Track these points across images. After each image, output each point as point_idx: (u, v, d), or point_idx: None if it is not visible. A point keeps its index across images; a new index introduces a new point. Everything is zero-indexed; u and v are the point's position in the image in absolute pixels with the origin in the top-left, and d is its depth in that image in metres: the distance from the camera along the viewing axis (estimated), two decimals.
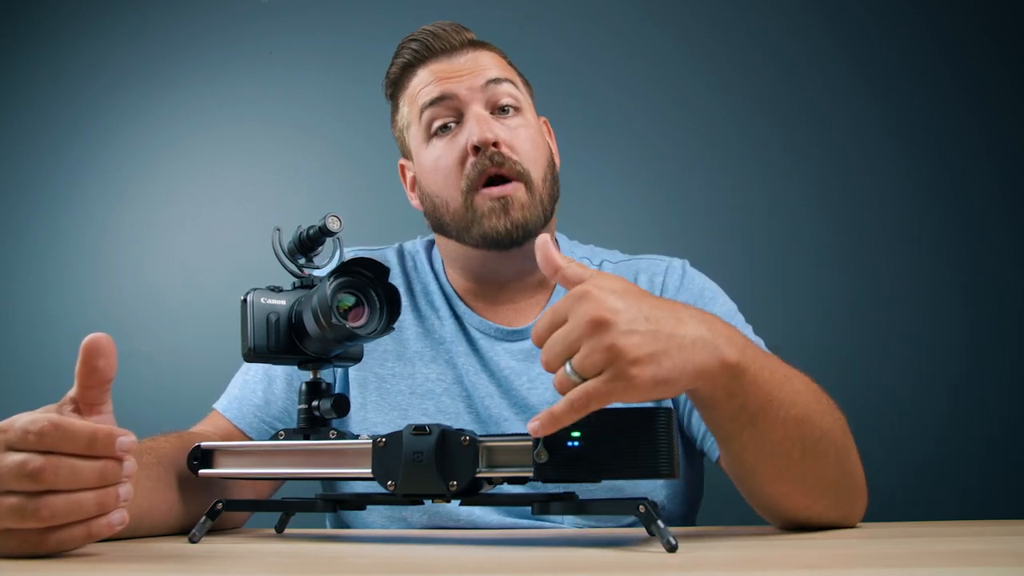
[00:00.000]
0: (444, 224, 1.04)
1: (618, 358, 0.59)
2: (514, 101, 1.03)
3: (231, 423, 1.00)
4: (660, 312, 0.63)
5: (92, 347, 0.63)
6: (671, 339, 0.62)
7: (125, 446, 0.62)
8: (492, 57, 1.05)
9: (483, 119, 0.99)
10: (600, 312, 0.60)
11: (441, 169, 1.01)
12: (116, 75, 2.03)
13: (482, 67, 1.02)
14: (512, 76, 1.06)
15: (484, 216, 0.99)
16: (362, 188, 1.94)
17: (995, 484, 1.69)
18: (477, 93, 1.01)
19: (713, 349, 0.64)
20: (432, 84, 1.02)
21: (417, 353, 1.05)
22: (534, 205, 1.00)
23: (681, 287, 1.06)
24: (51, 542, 0.60)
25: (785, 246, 1.82)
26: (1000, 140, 1.81)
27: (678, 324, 0.63)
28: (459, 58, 1.03)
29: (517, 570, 0.56)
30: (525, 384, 1.02)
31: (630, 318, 0.60)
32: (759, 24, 1.90)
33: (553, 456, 0.62)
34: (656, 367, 0.60)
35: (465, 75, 1.01)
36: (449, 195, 1.01)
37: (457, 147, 1.00)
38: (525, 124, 1.04)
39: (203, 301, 1.92)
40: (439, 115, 1.02)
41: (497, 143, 0.99)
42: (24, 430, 0.60)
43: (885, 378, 1.73)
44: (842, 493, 0.78)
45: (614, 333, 0.59)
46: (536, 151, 1.03)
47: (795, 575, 0.52)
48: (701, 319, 0.66)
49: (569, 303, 0.61)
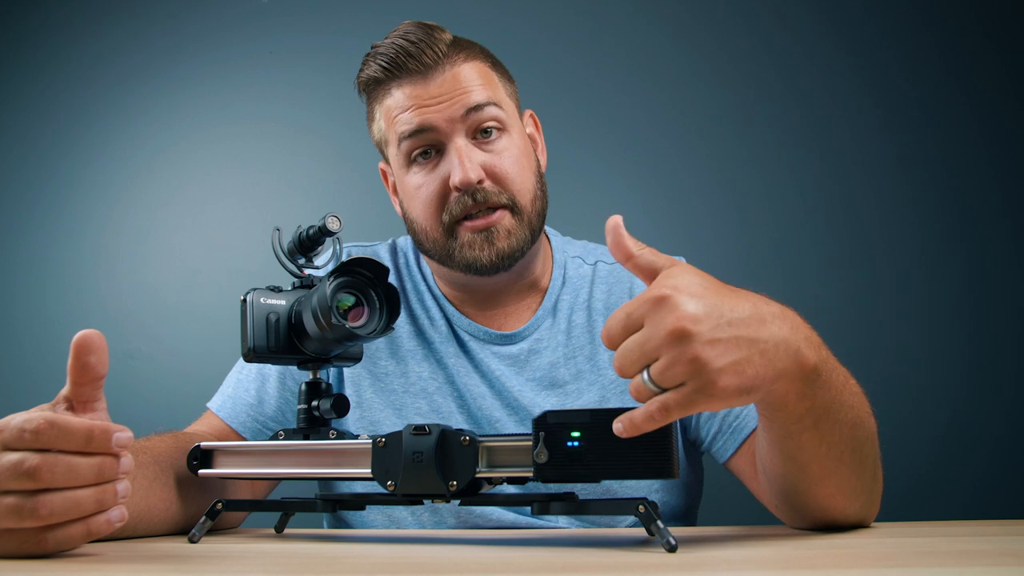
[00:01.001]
0: (426, 249, 1.02)
1: (701, 371, 0.57)
2: (497, 123, 0.98)
3: (224, 422, 1.00)
4: (742, 313, 0.60)
5: (83, 344, 0.63)
6: (754, 344, 0.60)
7: (122, 442, 0.62)
8: (472, 68, 0.98)
9: (464, 154, 0.95)
10: (681, 322, 0.57)
11: (422, 198, 0.98)
12: (116, 75, 2.03)
13: (461, 89, 0.96)
14: (493, 92, 0.99)
15: (467, 247, 0.97)
16: (362, 188, 1.94)
17: (996, 484, 1.69)
18: (456, 124, 0.96)
19: (795, 353, 0.62)
20: (409, 112, 0.97)
21: (409, 352, 1.05)
22: (521, 229, 0.98)
23: None
24: (50, 541, 0.60)
25: (785, 245, 1.82)
26: (1000, 140, 1.81)
27: (761, 326, 0.61)
28: (435, 78, 0.96)
29: (517, 570, 0.56)
30: (516, 387, 1.02)
31: (712, 326, 0.58)
32: (759, 24, 1.90)
33: (553, 456, 0.62)
34: (740, 377, 0.59)
35: (444, 101, 0.95)
36: (431, 226, 0.99)
37: (438, 179, 0.97)
38: (510, 144, 0.99)
39: (203, 301, 1.92)
40: (418, 145, 0.97)
41: (480, 180, 0.95)
42: (20, 429, 0.60)
43: (885, 378, 1.73)
44: (873, 495, 0.78)
45: (696, 345, 0.57)
46: (522, 172, 0.99)
47: (795, 575, 0.52)
48: (783, 317, 0.63)
49: (646, 308, 0.59)
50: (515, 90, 1.06)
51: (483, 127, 0.97)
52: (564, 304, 1.06)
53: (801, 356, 0.63)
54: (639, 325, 0.59)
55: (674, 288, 0.59)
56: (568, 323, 1.05)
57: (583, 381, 1.02)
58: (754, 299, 0.63)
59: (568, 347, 1.04)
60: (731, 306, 0.60)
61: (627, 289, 1.07)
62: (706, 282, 0.61)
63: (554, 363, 1.03)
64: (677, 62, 1.91)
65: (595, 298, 1.07)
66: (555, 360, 1.03)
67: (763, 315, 0.62)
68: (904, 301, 1.78)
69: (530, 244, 1.01)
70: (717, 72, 1.89)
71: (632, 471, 0.62)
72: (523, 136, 1.03)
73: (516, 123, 1.02)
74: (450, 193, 0.96)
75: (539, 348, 1.04)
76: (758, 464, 0.83)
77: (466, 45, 1.00)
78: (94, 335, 0.63)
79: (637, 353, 0.59)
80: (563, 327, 1.05)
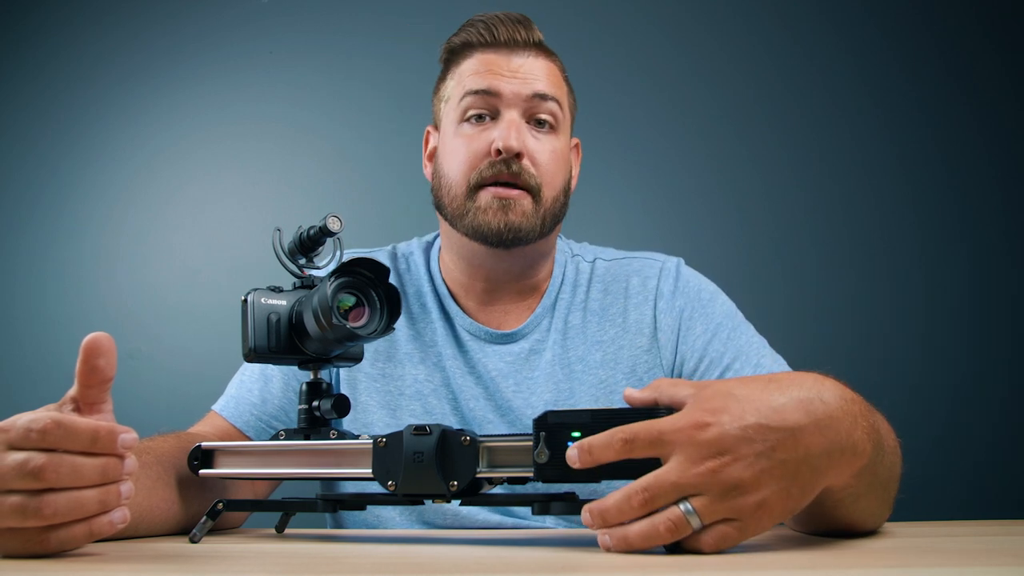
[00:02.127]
0: (442, 205, 1.05)
1: (746, 510, 0.56)
2: (552, 119, 1.03)
3: (228, 422, 1.01)
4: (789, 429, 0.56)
5: (92, 346, 0.63)
6: (801, 466, 0.57)
7: (127, 443, 0.62)
8: (549, 68, 1.04)
9: (516, 126, 0.99)
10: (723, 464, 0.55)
11: (460, 154, 1.02)
12: (116, 75, 2.03)
13: (535, 76, 1.02)
14: (560, 95, 1.04)
15: (481, 210, 0.99)
16: (362, 188, 1.94)
17: (996, 484, 1.69)
18: (520, 100, 1.01)
19: (850, 456, 0.60)
20: (482, 74, 1.01)
21: (407, 355, 1.05)
22: (535, 216, 1.00)
23: (676, 290, 1.06)
24: (53, 541, 0.60)
25: (784, 245, 1.82)
26: (1000, 140, 1.81)
27: (813, 438, 0.57)
28: (517, 58, 1.02)
29: (517, 570, 0.56)
30: (511, 387, 1.02)
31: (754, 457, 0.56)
32: (759, 24, 1.90)
33: (553, 456, 0.62)
34: (790, 504, 0.58)
35: (517, 78, 1.01)
36: (457, 181, 1.02)
37: (483, 141, 1.01)
38: (556, 143, 1.03)
39: (203, 301, 1.92)
40: (478, 105, 1.01)
41: (520, 154, 0.99)
42: (26, 428, 0.60)
43: (885, 378, 1.73)
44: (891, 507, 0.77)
45: (741, 488, 0.56)
46: (556, 171, 1.03)
47: (795, 575, 0.52)
48: (839, 414, 0.59)
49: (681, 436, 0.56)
50: (575, 111, 1.11)
51: (539, 116, 1.02)
52: (562, 303, 1.07)
53: (856, 457, 0.60)
54: (670, 451, 0.57)
55: (710, 414, 0.57)
56: (564, 323, 1.06)
57: (575, 381, 1.02)
58: (806, 396, 0.58)
59: (563, 347, 1.04)
60: (776, 424, 0.56)
61: (623, 289, 1.07)
62: (745, 394, 0.58)
63: (551, 362, 1.03)
64: (677, 62, 1.91)
65: (591, 297, 1.07)
66: (551, 359, 1.03)
67: (818, 421, 0.58)
68: (904, 301, 1.78)
69: (537, 236, 1.02)
70: (717, 72, 1.89)
71: (632, 471, 0.62)
72: (567, 146, 1.07)
73: (566, 132, 1.07)
74: (488, 157, 1.00)
75: (538, 348, 1.04)
76: None
77: (553, 53, 1.07)
78: (103, 338, 0.63)
79: (672, 490, 0.57)
80: (559, 327, 1.05)
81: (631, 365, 1.03)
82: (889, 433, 0.71)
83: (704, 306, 1.04)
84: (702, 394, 0.59)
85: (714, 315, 1.04)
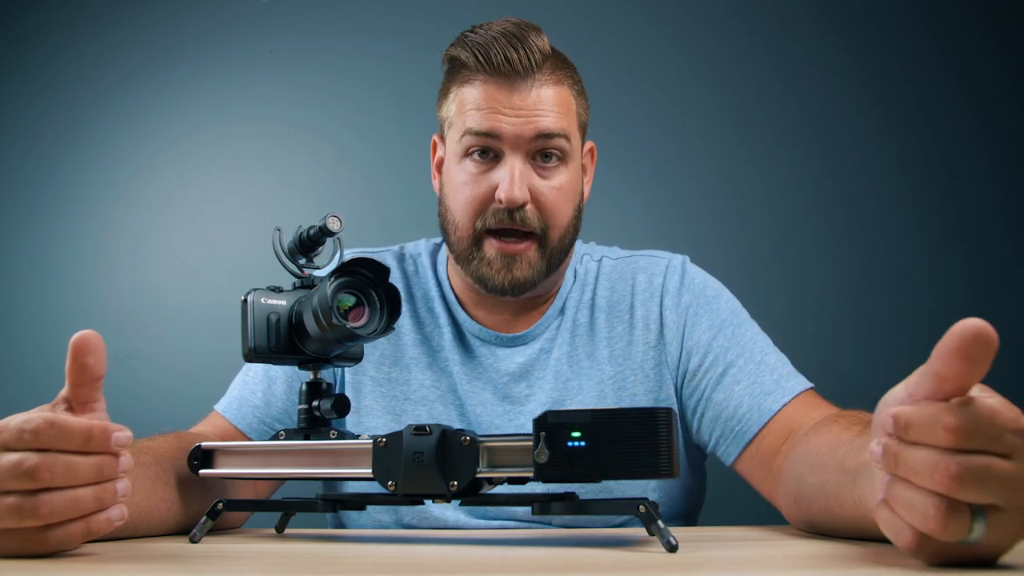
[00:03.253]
0: (449, 241, 1.03)
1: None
2: (559, 152, 0.98)
3: (230, 423, 1.01)
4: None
5: (81, 345, 0.63)
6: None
7: (121, 441, 0.62)
8: (557, 94, 0.98)
9: (519, 173, 0.95)
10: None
11: (464, 194, 0.98)
12: (116, 75, 2.03)
13: (539, 111, 0.96)
14: (568, 124, 0.99)
15: (486, 264, 0.98)
16: (362, 188, 1.94)
17: None
18: (523, 142, 0.96)
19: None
20: (483, 113, 0.96)
21: (413, 359, 1.05)
22: (541, 261, 0.99)
23: (682, 287, 1.06)
24: (51, 540, 0.60)
25: (785, 244, 1.82)
26: (1000, 140, 1.81)
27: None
28: (520, 90, 0.95)
29: (517, 570, 0.56)
30: (523, 390, 1.02)
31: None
32: (759, 24, 1.90)
33: (554, 456, 0.62)
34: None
35: (520, 116, 0.95)
36: (462, 224, 0.99)
37: (486, 184, 0.97)
38: (563, 177, 0.99)
39: (203, 301, 1.92)
40: (479, 144, 0.97)
41: (525, 203, 0.96)
42: (19, 429, 0.60)
43: (885, 378, 1.72)
44: None
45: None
46: (564, 205, 1.00)
47: (795, 575, 0.52)
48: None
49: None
50: (587, 120, 1.06)
51: (545, 151, 0.98)
52: (571, 303, 1.07)
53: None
54: (1006, 451, 0.48)
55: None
56: (573, 322, 1.06)
57: (583, 377, 1.02)
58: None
59: (572, 344, 1.04)
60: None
61: (629, 286, 1.07)
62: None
63: (559, 359, 1.03)
64: (677, 62, 1.91)
65: (598, 295, 1.07)
66: (560, 357, 1.04)
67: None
68: (904, 301, 1.78)
69: (544, 276, 1.01)
70: (717, 72, 1.89)
71: (632, 471, 0.62)
72: (577, 171, 1.03)
73: (576, 157, 1.03)
74: (492, 203, 0.97)
75: (548, 347, 1.04)
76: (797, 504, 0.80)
77: (560, 65, 1.00)
78: (91, 336, 0.63)
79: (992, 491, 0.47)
80: (568, 325, 1.06)
81: (639, 361, 1.03)
82: None
83: (709, 303, 1.04)
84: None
85: (719, 312, 1.04)
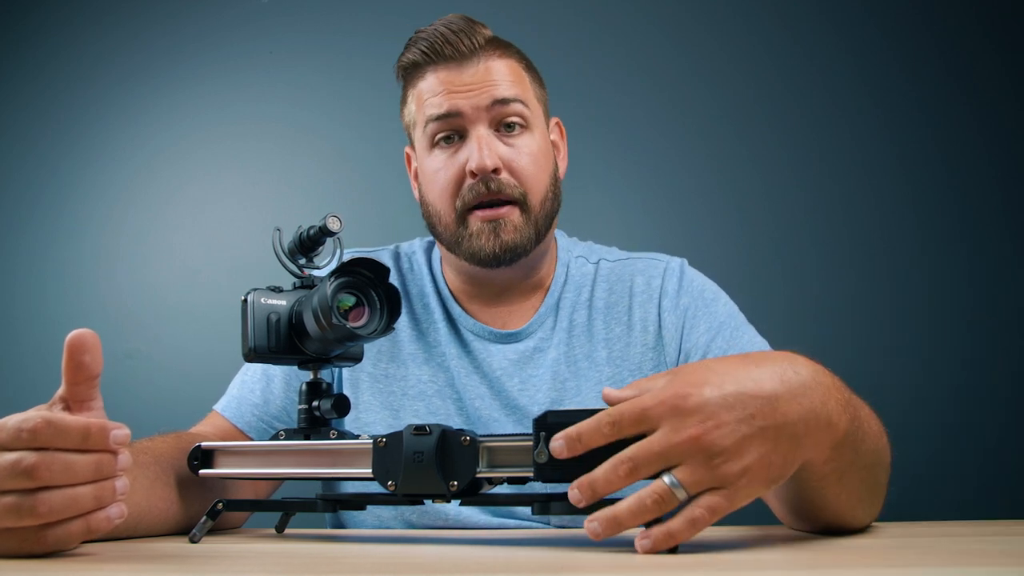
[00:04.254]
0: (437, 232, 1.05)
1: (729, 477, 0.57)
2: (521, 119, 1.01)
3: (229, 422, 1.01)
4: (766, 396, 0.59)
5: (76, 343, 0.63)
6: (781, 431, 0.59)
7: (119, 439, 0.62)
8: (506, 65, 1.01)
9: (485, 142, 0.98)
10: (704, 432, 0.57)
11: (439, 182, 1.01)
12: (116, 75, 2.03)
13: (492, 81, 0.99)
14: (522, 90, 1.02)
15: (474, 236, 0.99)
16: (362, 188, 1.94)
17: (995, 484, 1.69)
18: (482, 112, 0.99)
19: (825, 426, 0.61)
20: (440, 96, 1.00)
21: (411, 355, 1.05)
22: (527, 226, 1.00)
23: (680, 290, 1.06)
24: (50, 539, 0.60)
25: (785, 245, 1.82)
26: (1000, 140, 1.81)
27: (789, 406, 0.59)
28: (469, 68, 1.00)
29: (517, 570, 0.56)
30: (517, 386, 1.03)
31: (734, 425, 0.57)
32: (759, 24, 1.90)
33: (553, 456, 0.62)
34: (773, 472, 0.59)
35: (473, 90, 0.99)
36: (444, 210, 1.01)
37: (456, 164, 1.00)
38: (530, 142, 1.01)
39: (203, 301, 1.92)
40: (443, 129, 1.00)
41: (497, 169, 0.98)
42: (17, 428, 0.60)
43: (885, 378, 1.73)
44: (881, 500, 0.78)
45: (723, 455, 0.57)
46: (538, 171, 1.02)
47: (795, 575, 0.52)
48: (813, 385, 0.61)
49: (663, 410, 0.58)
50: (545, 96, 1.08)
51: (507, 121, 1.00)
52: (566, 303, 1.07)
53: (831, 427, 0.62)
54: (656, 424, 0.58)
55: (691, 385, 0.58)
56: (569, 322, 1.06)
57: (581, 379, 1.03)
58: (780, 368, 0.61)
59: (569, 345, 1.04)
60: (753, 392, 0.59)
61: (627, 288, 1.07)
62: (723, 367, 0.60)
63: (556, 360, 1.03)
64: (677, 62, 1.91)
65: (596, 296, 1.07)
66: (556, 357, 1.04)
67: (792, 390, 0.60)
68: (904, 301, 1.78)
69: (535, 243, 1.02)
70: (717, 72, 1.89)
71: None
72: (545, 138, 1.05)
73: (540, 125, 1.04)
74: (466, 179, 0.99)
75: (542, 347, 1.04)
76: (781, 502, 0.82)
77: (503, 44, 1.04)
78: (87, 334, 0.63)
79: (657, 459, 0.58)
80: (564, 325, 1.06)
81: (637, 363, 1.03)
82: (871, 417, 0.71)
83: (707, 305, 1.05)
84: (681, 370, 0.61)
85: (717, 314, 1.04)
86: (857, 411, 0.67)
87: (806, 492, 0.69)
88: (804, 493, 0.69)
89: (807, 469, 0.64)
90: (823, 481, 0.67)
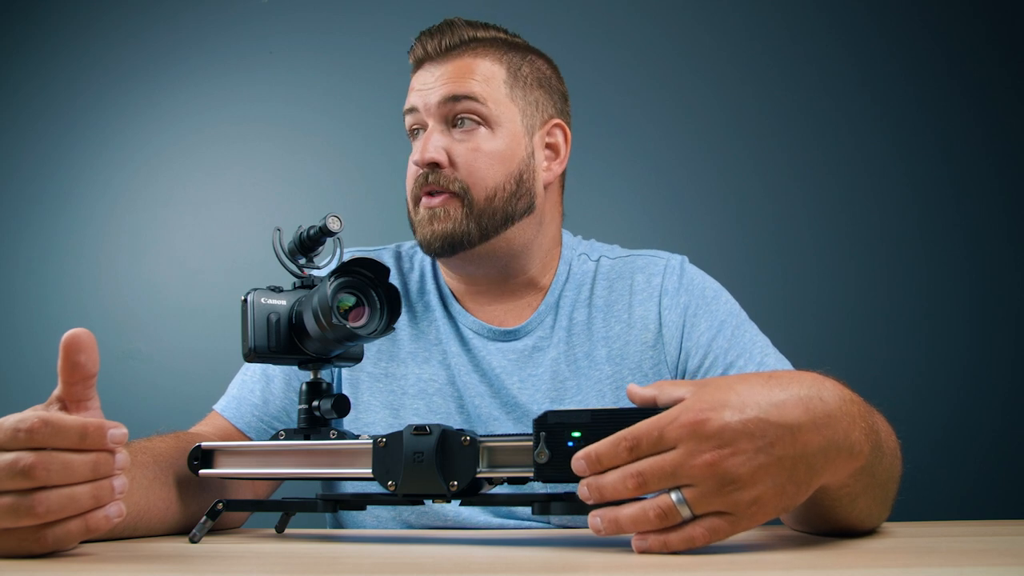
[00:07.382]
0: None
1: (741, 504, 0.57)
2: (472, 117, 1.00)
3: (229, 422, 1.01)
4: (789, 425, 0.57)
5: (72, 343, 0.63)
6: (798, 463, 0.58)
7: (117, 438, 0.62)
8: (474, 64, 1.01)
9: (428, 137, 1.01)
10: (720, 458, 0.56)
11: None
12: (116, 75, 2.03)
13: (449, 79, 1.00)
14: (483, 89, 1.00)
15: (418, 224, 1.02)
16: (362, 188, 1.94)
17: (995, 484, 1.69)
18: (432, 109, 1.01)
19: (847, 455, 0.61)
20: (410, 92, 1.04)
21: (410, 354, 1.05)
22: (466, 220, 0.99)
23: (681, 287, 1.06)
24: (49, 539, 0.60)
25: (785, 245, 1.82)
26: (1000, 140, 1.81)
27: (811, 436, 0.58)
28: (441, 66, 1.02)
29: (517, 570, 0.56)
30: (516, 384, 1.02)
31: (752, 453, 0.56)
32: (759, 24, 1.90)
33: (554, 456, 0.62)
34: (784, 501, 0.59)
35: (430, 88, 1.01)
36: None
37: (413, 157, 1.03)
38: (486, 139, 1.00)
39: (203, 301, 1.92)
40: (410, 123, 1.05)
41: (440, 163, 1.00)
42: (14, 428, 0.60)
43: (885, 378, 1.73)
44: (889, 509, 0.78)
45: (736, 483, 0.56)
46: (489, 167, 1.00)
47: (795, 575, 0.52)
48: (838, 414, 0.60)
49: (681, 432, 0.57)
50: (538, 98, 1.05)
51: (457, 117, 1.01)
52: (566, 301, 1.07)
53: (853, 457, 0.61)
54: (672, 446, 0.58)
55: (712, 408, 0.57)
56: (569, 320, 1.06)
57: (582, 378, 1.02)
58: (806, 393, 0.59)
59: (569, 344, 1.04)
60: (776, 420, 0.57)
61: (628, 285, 1.07)
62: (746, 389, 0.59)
63: (555, 359, 1.03)
64: (677, 62, 1.91)
65: (596, 295, 1.07)
66: (556, 356, 1.03)
67: (815, 420, 0.58)
68: (904, 301, 1.78)
69: (479, 238, 1.00)
70: (717, 72, 1.89)
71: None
72: (512, 137, 1.02)
73: (508, 123, 1.01)
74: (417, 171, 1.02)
75: (542, 345, 1.04)
76: None
77: (487, 43, 1.04)
78: (83, 334, 0.63)
79: (668, 479, 0.58)
80: (564, 324, 1.05)
81: (637, 361, 1.03)
82: (890, 435, 0.71)
83: (708, 303, 1.04)
84: (703, 390, 0.60)
85: (718, 312, 1.04)
86: (878, 436, 0.66)
87: (816, 509, 0.68)
88: (814, 510, 0.69)
89: (821, 491, 0.63)
90: (836, 503, 0.67)
